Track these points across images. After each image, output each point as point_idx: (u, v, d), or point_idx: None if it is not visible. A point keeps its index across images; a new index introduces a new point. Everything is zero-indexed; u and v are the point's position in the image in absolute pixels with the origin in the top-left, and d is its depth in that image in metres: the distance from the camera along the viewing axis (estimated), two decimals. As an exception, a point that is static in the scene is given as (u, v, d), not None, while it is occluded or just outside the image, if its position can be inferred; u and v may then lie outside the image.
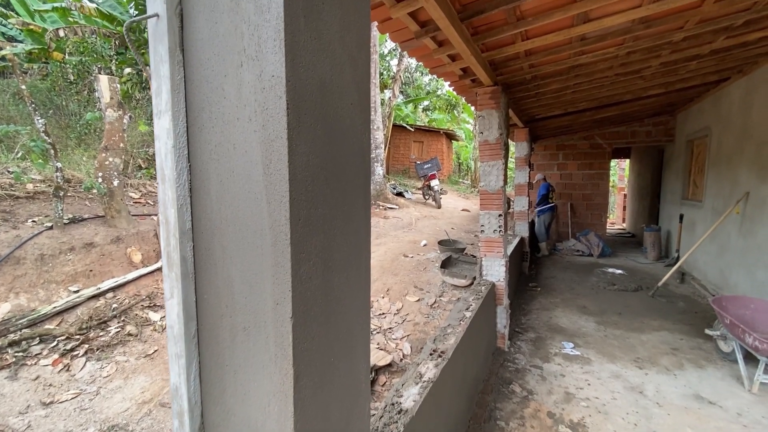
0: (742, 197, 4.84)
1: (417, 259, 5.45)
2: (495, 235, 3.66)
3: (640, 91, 5.64)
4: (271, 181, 0.64)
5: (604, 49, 3.49)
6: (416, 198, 12.36)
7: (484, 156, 3.63)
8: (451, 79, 3.78)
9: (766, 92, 4.47)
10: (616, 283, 6.11)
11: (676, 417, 2.67)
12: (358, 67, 0.82)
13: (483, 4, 2.38)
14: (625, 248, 9.25)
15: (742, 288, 4.74)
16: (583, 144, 8.97)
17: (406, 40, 2.77)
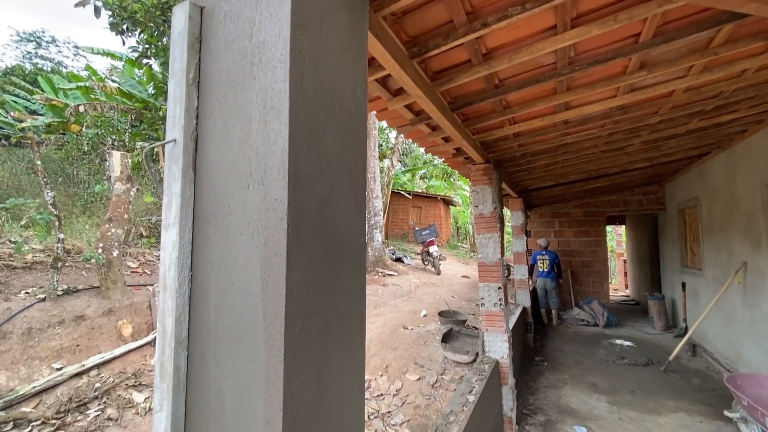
0: (741, 267, 4.84)
1: (417, 332, 5.27)
2: (496, 309, 3.60)
3: (626, 164, 5.94)
4: (269, 296, 0.67)
5: (587, 130, 3.75)
6: (415, 263, 12.30)
7: (480, 229, 3.71)
8: (445, 156, 4.00)
9: (747, 166, 4.71)
10: (625, 357, 5.85)
11: None
12: (355, 179, 0.89)
13: (471, 96, 2.61)
14: (631, 317, 8.99)
15: (756, 363, 4.53)
16: (577, 212, 9.18)
17: (403, 126, 2.99)
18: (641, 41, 2.16)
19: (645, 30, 2.04)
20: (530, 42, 2.03)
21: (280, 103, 0.69)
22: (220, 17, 0.79)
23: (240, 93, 0.75)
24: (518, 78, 2.48)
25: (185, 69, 0.78)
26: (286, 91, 0.68)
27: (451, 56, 2.10)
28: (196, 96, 0.80)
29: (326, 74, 0.79)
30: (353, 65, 0.90)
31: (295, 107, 0.70)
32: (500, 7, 1.72)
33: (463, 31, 1.77)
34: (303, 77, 0.72)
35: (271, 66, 0.71)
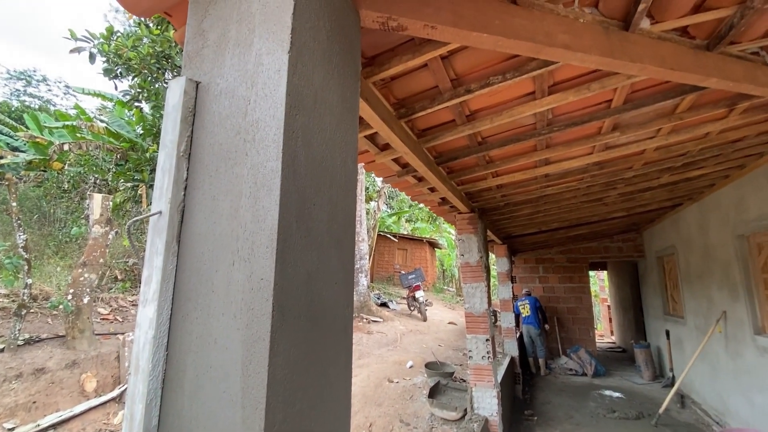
0: (721, 316, 4.90)
1: (403, 385, 5.04)
2: (484, 362, 3.50)
3: (604, 213, 6.14)
4: (249, 384, 0.63)
5: (567, 183, 3.90)
6: (401, 308, 12.05)
7: (466, 278, 3.70)
8: (431, 205, 4.07)
9: (718, 218, 4.92)
10: (616, 410, 5.68)
11: None
12: (344, 248, 0.89)
13: (456, 152, 2.71)
14: (619, 366, 8.86)
15: (744, 415, 4.46)
16: (560, 258, 9.30)
17: (390, 176, 3.06)
18: (613, 107, 2.32)
19: (616, 97, 2.20)
20: (511, 105, 2.15)
21: (271, 181, 0.69)
22: (216, 93, 0.81)
23: (231, 168, 0.75)
24: (500, 136, 2.60)
25: (176, 142, 0.79)
26: (278, 170, 0.69)
27: (436, 117, 2.21)
28: (186, 168, 0.80)
29: (318, 150, 0.81)
30: (345, 138, 0.92)
31: (286, 185, 0.70)
32: (482, 76, 1.83)
33: (448, 95, 1.87)
34: (295, 155, 0.73)
35: (264, 144, 0.72)
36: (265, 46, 0.77)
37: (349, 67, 0.98)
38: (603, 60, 1.45)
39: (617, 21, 1.53)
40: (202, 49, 0.88)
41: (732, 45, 1.78)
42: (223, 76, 0.82)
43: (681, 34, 1.68)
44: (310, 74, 0.79)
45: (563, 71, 1.92)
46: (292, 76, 0.73)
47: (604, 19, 1.50)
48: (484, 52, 1.69)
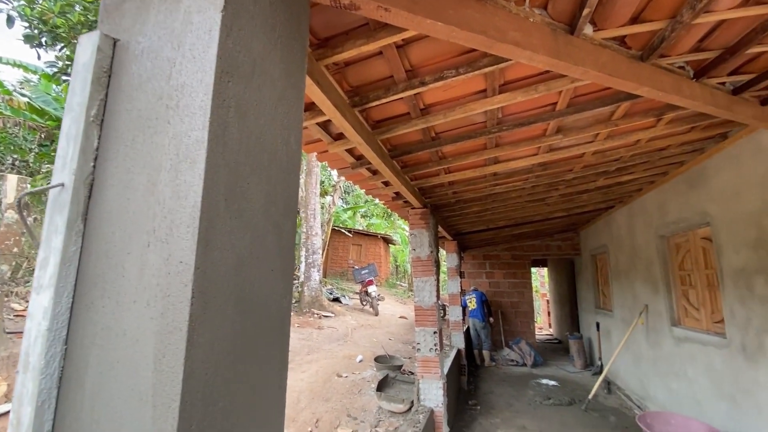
0: (643, 309, 5.41)
1: (352, 380, 5.02)
2: (431, 354, 3.56)
3: (546, 213, 6.52)
4: (162, 380, 0.55)
5: (513, 182, 4.07)
6: (354, 303, 12.02)
7: (417, 272, 3.74)
8: (385, 199, 4.06)
9: (643, 220, 5.40)
10: (551, 397, 6.08)
11: None
12: (283, 233, 0.83)
13: (410, 146, 2.71)
14: (555, 356, 9.51)
15: (661, 399, 4.97)
16: (505, 255, 9.77)
17: (343, 168, 2.99)
18: (557, 110, 2.44)
19: (560, 100, 2.31)
20: (463, 102, 2.18)
21: (195, 153, 0.62)
22: (136, 53, 0.71)
23: (151, 138, 0.66)
24: (453, 132, 2.63)
25: (86, 105, 0.68)
26: (204, 140, 0.62)
27: (391, 108, 2.18)
28: (97, 136, 0.69)
29: (255, 124, 0.74)
30: (287, 115, 0.86)
31: (213, 158, 0.63)
32: (437, 69, 1.83)
33: (403, 86, 1.85)
34: (226, 126, 0.66)
35: (190, 112, 0.64)
36: (195, 3, 0.68)
37: (295, 40, 0.91)
38: (550, 60, 1.50)
39: (564, 24, 1.59)
40: (123, 2, 0.77)
41: (662, 58, 1.94)
42: (145, 35, 0.72)
43: (619, 44, 1.79)
44: (247, 40, 0.72)
45: (513, 71, 1.98)
46: (225, 39, 0.66)
47: (552, 21, 1.56)
48: (439, 45, 1.69)
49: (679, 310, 4.71)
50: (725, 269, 3.52)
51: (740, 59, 1.97)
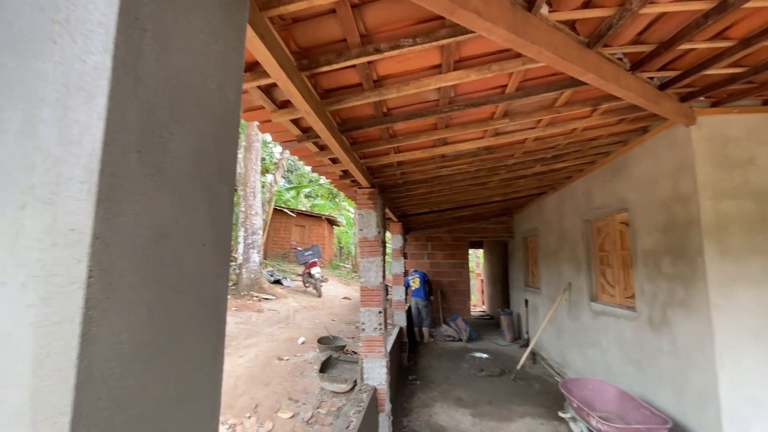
0: (567, 287, 5.93)
1: (293, 362, 4.90)
2: (376, 334, 3.56)
3: (486, 197, 6.80)
4: (44, 387, 0.41)
5: (459, 165, 4.14)
6: (296, 285, 11.75)
7: (363, 253, 3.68)
8: (332, 178, 3.90)
9: (571, 206, 5.85)
10: (484, 369, 6.49)
11: None
12: (218, 201, 0.69)
13: (361, 121, 2.59)
14: (487, 331, 10.19)
15: (578, 365, 5.54)
16: (446, 237, 10.14)
17: (288, 141, 2.79)
18: (507, 92, 2.46)
19: (511, 83, 2.33)
20: (418, 76, 2.10)
21: (93, 84, 0.46)
22: (5, -56, 0.52)
23: (28, 61, 0.49)
24: (405, 109, 2.56)
25: None
26: (105, 68, 0.46)
27: (343, 76, 2.03)
28: (-56, 55, 0.50)
29: (181, 58, 0.58)
30: (225, 57, 0.70)
31: (121, 93, 0.47)
32: (393, 36, 1.72)
33: (356, 52, 1.71)
34: (140, 55, 0.50)
35: (86, 29, 0.47)
36: None
37: (234, -31, 0.75)
38: (509, 35, 1.46)
39: (522, 0, 1.57)
40: None
41: (605, 47, 2.01)
42: None
43: (571, 28, 1.82)
44: (170, -52, 0.56)
45: (470, 47, 1.93)
46: (137, -64, 0.49)
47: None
48: (397, 8, 1.57)
49: (597, 287, 5.22)
50: (638, 250, 3.93)
51: (671, 55, 2.12)
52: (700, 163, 3.08)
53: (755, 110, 3.04)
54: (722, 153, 3.07)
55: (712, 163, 3.07)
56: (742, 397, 2.81)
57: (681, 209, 3.27)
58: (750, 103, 3.04)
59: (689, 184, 3.16)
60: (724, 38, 1.93)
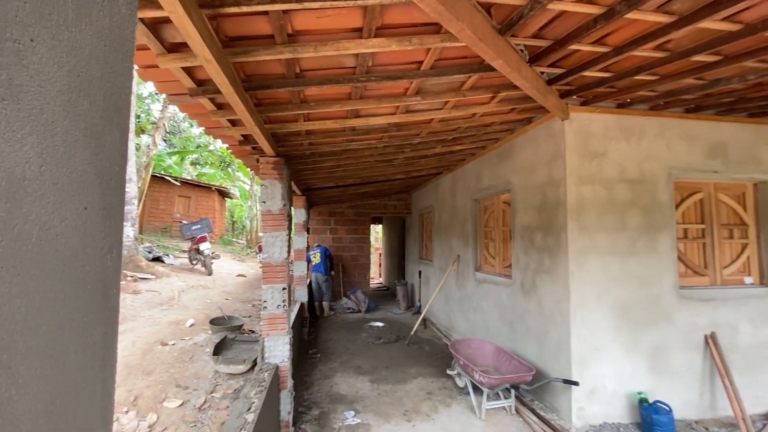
0: (456, 259, 6.55)
1: (181, 346, 4.42)
2: (279, 311, 3.42)
3: (390, 174, 6.99)
4: None
5: (369, 140, 4.12)
6: (181, 263, 10.55)
7: (266, 227, 3.44)
8: (230, 142, 3.51)
9: (463, 186, 6.39)
10: (381, 337, 6.85)
11: (440, 464, 3.01)
12: (105, 148, 0.51)
13: (270, 80, 2.34)
14: (384, 301, 10.76)
15: (462, 328, 6.25)
16: (349, 212, 10.22)
17: (178, 95, 2.37)
18: (422, 69, 2.49)
19: (427, 60, 2.35)
20: (337, 38, 1.96)
21: None
22: None
23: None
24: (320, 73, 2.39)
25: None
26: None
27: (252, 24, 1.77)
28: None
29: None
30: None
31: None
32: (314, -14, 1.55)
33: (271, -5, 1.50)
34: None
35: None
36: None
37: None
38: (437, 6, 1.44)
39: (449, -27, 1.55)
40: None
41: (513, 37, 2.16)
42: None
43: (488, 13, 1.89)
44: None
45: (394, 14, 1.87)
46: None
47: (441, -35, 1.49)
48: (320, -47, 1.41)
49: (481, 259, 5.88)
50: (516, 226, 4.51)
51: (561, 53, 2.39)
52: (570, 153, 3.63)
53: (611, 111, 3.68)
54: (585, 146, 3.66)
55: (578, 153, 3.65)
56: (587, 346, 3.52)
57: (552, 192, 3.83)
58: (608, 105, 3.67)
59: (560, 171, 3.70)
60: (603, 44, 2.26)
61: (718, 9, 1.80)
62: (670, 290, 3.68)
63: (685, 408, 3.61)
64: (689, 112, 3.81)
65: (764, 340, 3.81)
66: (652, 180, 3.73)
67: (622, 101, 3.59)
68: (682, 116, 3.81)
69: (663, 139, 3.78)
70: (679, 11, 1.96)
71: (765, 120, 3.98)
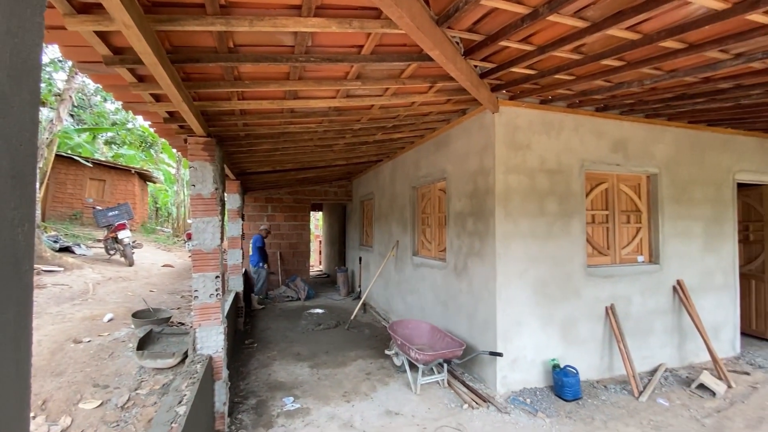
0: (395, 244, 6.74)
1: (98, 343, 4.02)
2: (212, 300, 3.26)
3: (331, 160, 6.91)
4: None
5: (308, 124, 4.03)
6: (96, 254, 9.49)
7: (197, 212, 3.24)
8: (153, 119, 3.22)
9: (402, 173, 6.55)
10: (321, 323, 6.86)
11: (377, 438, 3.15)
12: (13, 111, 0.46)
13: (199, 53, 2.18)
14: (324, 288, 10.74)
15: (400, 310, 6.49)
16: (288, 198, 9.94)
17: (89, 62, 2.12)
18: (362, 54, 2.49)
19: (367, 45, 2.36)
20: (274, 14, 1.89)
21: None
22: None
23: None
24: (256, 50, 2.28)
25: None
26: None
27: (178, -11, 1.64)
28: None
29: None
30: None
31: None
32: (250, -44, 1.48)
33: (202, -39, 1.40)
34: None
35: None
36: None
37: None
38: (377, -9, 1.46)
39: (389, -40, 1.58)
40: None
41: (449, 29, 2.26)
42: None
43: (426, 3, 1.95)
44: None
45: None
46: None
47: (381, -50, 1.51)
48: None
49: (418, 244, 6.12)
50: (451, 212, 4.77)
51: (493, 48, 2.54)
52: (499, 144, 3.90)
53: (535, 107, 4.01)
54: (512, 138, 3.96)
55: (506, 145, 3.93)
56: (510, 320, 3.87)
57: (483, 180, 4.09)
58: (532, 101, 3.99)
59: (490, 160, 3.97)
60: (529, 43, 2.45)
61: (623, 18, 2.05)
62: (580, 269, 4.17)
63: (589, 370, 4.16)
64: (599, 111, 4.29)
65: (651, 309, 4.51)
66: (567, 171, 4.16)
67: (545, 98, 3.93)
68: (593, 114, 4.28)
69: (577, 134, 4.22)
70: (592, 18, 2.19)
71: (657, 121, 4.62)
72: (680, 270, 4.68)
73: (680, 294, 4.57)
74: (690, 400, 3.81)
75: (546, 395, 3.84)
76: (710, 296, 4.84)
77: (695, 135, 4.87)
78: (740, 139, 5.16)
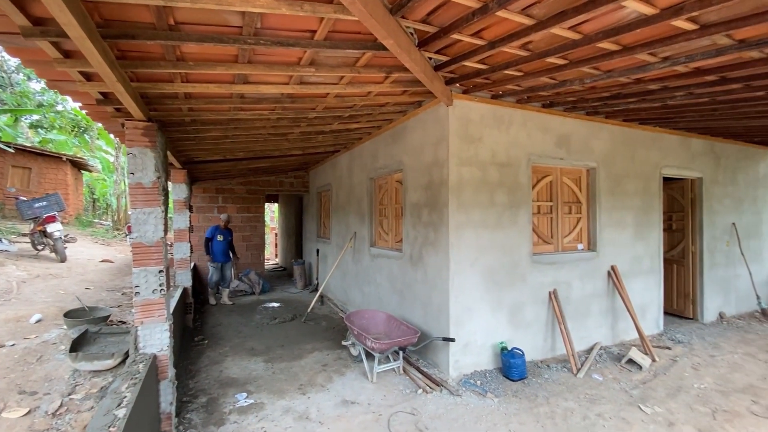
0: (353, 236, 6.72)
1: (24, 347, 3.64)
2: (155, 296, 3.07)
3: (285, 150, 6.71)
4: None
5: (260, 110, 3.88)
6: (21, 249, 8.56)
7: (137, 202, 3.01)
8: (84, 100, 2.93)
9: (360, 164, 6.51)
10: (276, 317, 6.72)
11: (332, 428, 3.16)
12: None
13: (135, 28, 2.01)
14: (280, 281, 10.51)
15: (357, 300, 6.51)
16: (240, 189, 9.54)
17: (4, 33, 1.88)
18: (315, 39, 2.43)
19: (320, 30, 2.31)
20: (219, -10, 1.78)
21: None
22: None
23: None
24: (200, 28, 2.15)
25: None
26: None
27: (107, -45, 1.49)
28: None
29: None
30: None
31: None
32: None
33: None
34: None
35: None
36: None
37: None
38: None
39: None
40: None
41: (403, 19, 2.26)
42: None
43: (378, -11, 1.93)
44: None
45: (282, -25, 1.77)
46: None
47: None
48: None
49: (376, 235, 6.15)
50: (407, 204, 4.83)
51: (446, 41, 2.58)
52: (453, 136, 4.00)
53: (486, 101, 4.15)
54: (466, 131, 4.07)
55: (459, 137, 4.04)
56: (462, 306, 4.02)
57: (437, 172, 4.18)
58: (484, 95, 4.12)
59: (444, 153, 4.06)
60: (480, 37, 2.52)
61: (565, 18, 2.17)
62: (526, 257, 4.42)
63: (534, 351, 4.44)
64: (545, 107, 4.52)
65: (589, 293, 4.88)
66: (515, 164, 4.36)
67: (496, 93, 4.07)
68: (539, 110, 4.51)
69: (525, 129, 4.43)
70: (538, 16, 2.29)
71: (596, 118, 4.96)
72: (614, 256, 5.11)
73: (614, 278, 4.99)
74: (620, 374, 4.20)
75: (495, 376, 4.05)
76: (639, 280, 5.33)
77: (628, 132, 5.29)
78: (666, 137, 5.69)
